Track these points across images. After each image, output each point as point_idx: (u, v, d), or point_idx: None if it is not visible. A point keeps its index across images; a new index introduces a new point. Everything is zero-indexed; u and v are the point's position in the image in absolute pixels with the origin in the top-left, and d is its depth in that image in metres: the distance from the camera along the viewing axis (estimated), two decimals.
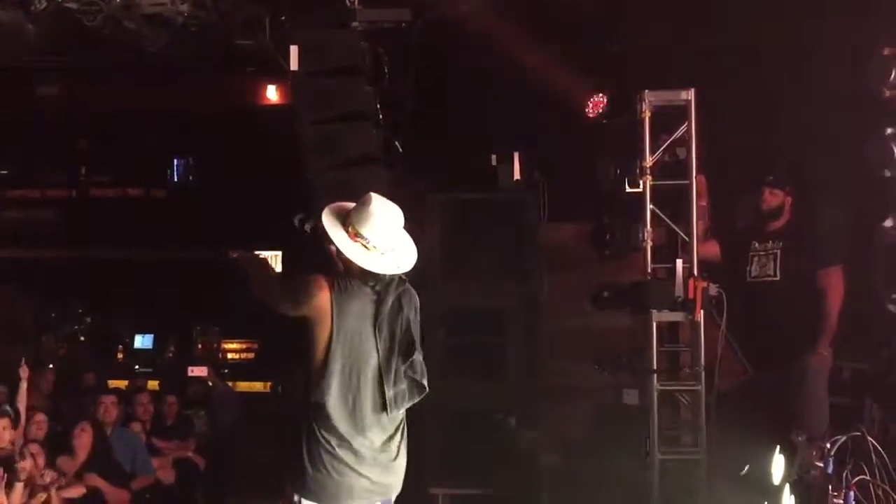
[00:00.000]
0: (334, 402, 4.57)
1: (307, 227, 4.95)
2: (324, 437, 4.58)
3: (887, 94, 6.17)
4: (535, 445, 8.16)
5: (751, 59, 8.98)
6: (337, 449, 4.58)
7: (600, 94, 8.21)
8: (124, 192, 15.60)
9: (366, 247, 4.64)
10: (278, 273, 5.18)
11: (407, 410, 4.77)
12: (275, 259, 13.13)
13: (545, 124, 9.47)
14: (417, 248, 4.89)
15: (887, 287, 6.54)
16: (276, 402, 12.43)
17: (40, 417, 8.29)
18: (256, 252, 5.20)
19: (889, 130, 6.18)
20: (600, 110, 8.21)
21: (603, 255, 8.17)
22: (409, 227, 4.95)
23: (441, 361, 8.74)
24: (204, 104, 13.62)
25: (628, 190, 7.71)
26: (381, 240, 4.65)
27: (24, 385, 8.11)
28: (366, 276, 4.67)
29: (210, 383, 12.10)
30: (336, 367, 4.61)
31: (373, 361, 4.67)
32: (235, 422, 11.45)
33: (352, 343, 4.64)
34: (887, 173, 6.21)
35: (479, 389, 8.73)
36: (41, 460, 7.78)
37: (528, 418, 8.46)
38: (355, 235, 4.64)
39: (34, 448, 7.77)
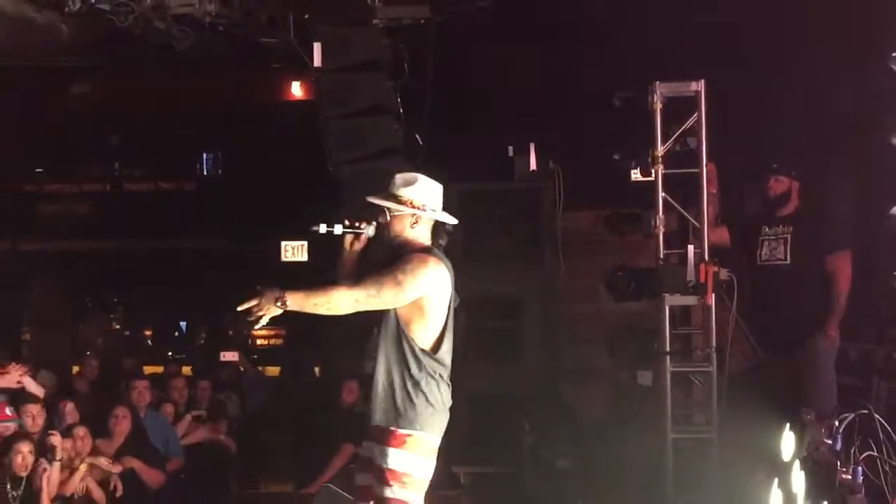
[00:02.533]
0: (447, 352, 5.03)
1: (360, 226, 5.00)
2: (440, 383, 4.98)
3: None
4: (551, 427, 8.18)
5: (759, 49, 8.95)
6: (447, 391, 5.03)
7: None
8: (156, 186, 15.68)
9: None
10: (353, 284, 4.84)
11: None
12: (301, 249, 13.18)
13: (561, 115, 9.45)
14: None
15: (894, 271, 6.53)
16: (295, 386, 12.45)
17: (69, 406, 8.32)
18: (272, 292, 4.75)
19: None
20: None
21: (617, 242, 8.16)
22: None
23: (462, 345, 8.77)
24: (230, 100, 13.67)
25: (641, 178, 7.68)
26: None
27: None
28: (436, 241, 5.09)
29: (241, 368, 12.15)
30: (450, 323, 5.04)
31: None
32: (265, 405, 11.50)
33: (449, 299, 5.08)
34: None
35: (498, 372, 8.75)
36: (88, 442, 7.83)
37: (546, 401, 8.48)
38: (423, 208, 5.02)
39: (81, 431, 7.83)
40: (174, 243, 15.15)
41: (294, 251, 13.20)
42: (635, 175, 7.62)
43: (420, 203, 4.98)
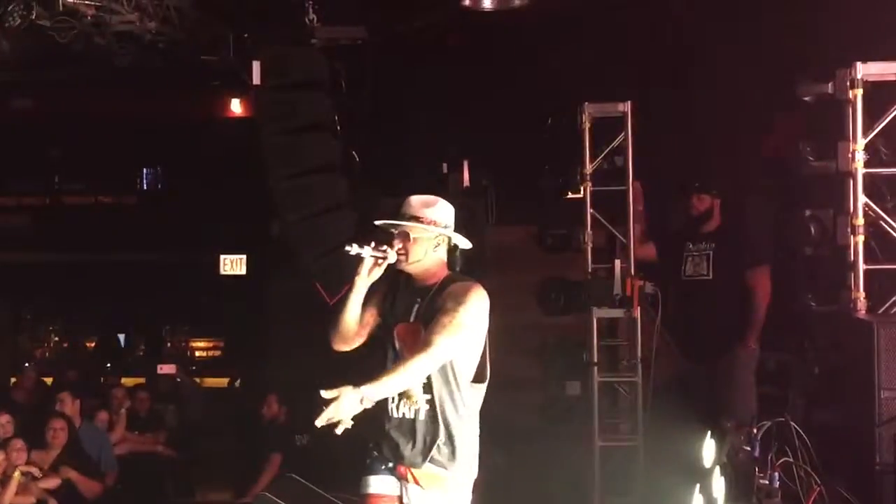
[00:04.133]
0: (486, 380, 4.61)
1: (384, 250, 4.36)
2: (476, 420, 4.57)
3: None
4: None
5: (684, 70, 9.07)
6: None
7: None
8: (96, 199, 15.52)
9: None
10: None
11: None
12: (239, 262, 13.14)
13: (493, 134, 9.51)
14: None
15: (807, 291, 6.66)
16: (236, 396, 12.39)
17: (5, 419, 8.18)
18: None
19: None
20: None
21: (547, 256, 8.20)
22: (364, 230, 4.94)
23: None
24: (171, 116, 13.59)
25: (570, 195, 7.73)
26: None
27: None
28: (452, 265, 4.62)
29: (178, 379, 12.06)
30: (487, 349, 4.59)
31: None
32: (201, 415, 11.41)
33: None
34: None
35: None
36: (23, 455, 7.70)
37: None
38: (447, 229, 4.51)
39: (18, 443, 7.69)
40: (114, 256, 15.00)
41: (232, 264, 13.16)
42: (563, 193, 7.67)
43: (442, 224, 4.47)
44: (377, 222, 4.54)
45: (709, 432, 5.78)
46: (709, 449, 5.68)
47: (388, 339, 4.49)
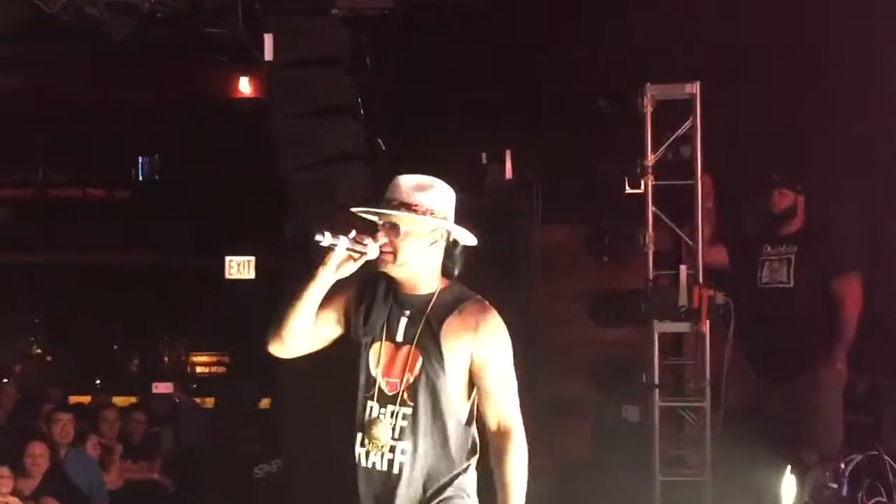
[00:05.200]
0: None
1: (364, 243, 3.94)
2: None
3: None
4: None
5: (762, 51, 9.01)
6: None
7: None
8: (85, 193, 15.64)
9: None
10: None
11: None
12: (247, 265, 13.19)
13: (540, 120, 9.48)
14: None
15: None
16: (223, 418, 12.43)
17: None
18: None
19: None
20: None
21: (601, 261, 8.18)
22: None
23: None
24: (172, 97, 13.65)
25: (629, 191, 7.73)
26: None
27: None
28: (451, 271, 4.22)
29: (176, 400, 12.14)
30: None
31: None
32: (203, 440, 11.47)
33: None
34: None
35: None
36: (8, 483, 7.76)
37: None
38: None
39: (3, 471, 7.76)
40: (105, 258, 15.11)
41: (240, 268, 13.20)
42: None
43: (441, 214, 4.05)
44: (355, 209, 4.11)
45: (788, 467, 5.75)
46: (788, 486, 5.66)
47: (361, 361, 4.07)
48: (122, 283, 15.24)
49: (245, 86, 13.18)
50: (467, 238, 4.16)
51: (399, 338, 4.04)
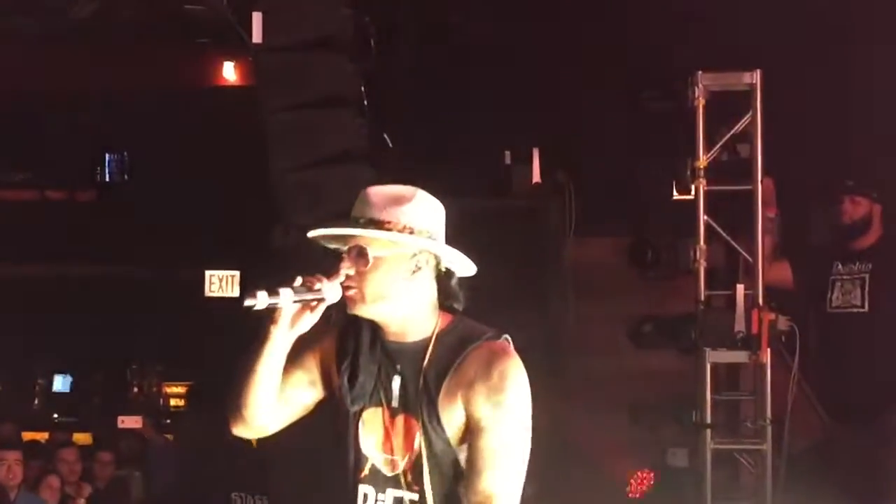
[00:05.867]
0: None
1: (316, 287, 3.48)
2: None
3: None
4: None
5: (837, 36, 9.00)
6: None
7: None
8: (42, 195, 15.64)
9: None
10: None
11: None
12: (230, 281, 13.17)
13: (573, 114, 9.47)
14: None
15: None
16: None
17: None
18: None
19: None
20: None
21: (645, 279, 8.17)
22: None
23: None
24: (143, 85, 13.67)
25: (676, 197, 7.72)
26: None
27: None
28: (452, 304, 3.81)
29: (145, 437, 12.11)
30: None
31: None
32: (175, 485, 11.44)
33: None
34: None
35: None
36: None
37: (546, 482, 8.46)
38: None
39: None
40: (64, 269, 15.11)
41: (222, 283, 13.18)
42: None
43: (425, 233, 3.57)
44: (312, 234, 3.64)
45: None
46: None
47: (347, 433, 3.65)
48: (86, 301, 15.23)
49: (230, 72, 13.20)
50: (463, 266, 3.70)
51: (395, 402, 3.59)
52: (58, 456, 9.88)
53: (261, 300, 3.36)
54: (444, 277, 3.68)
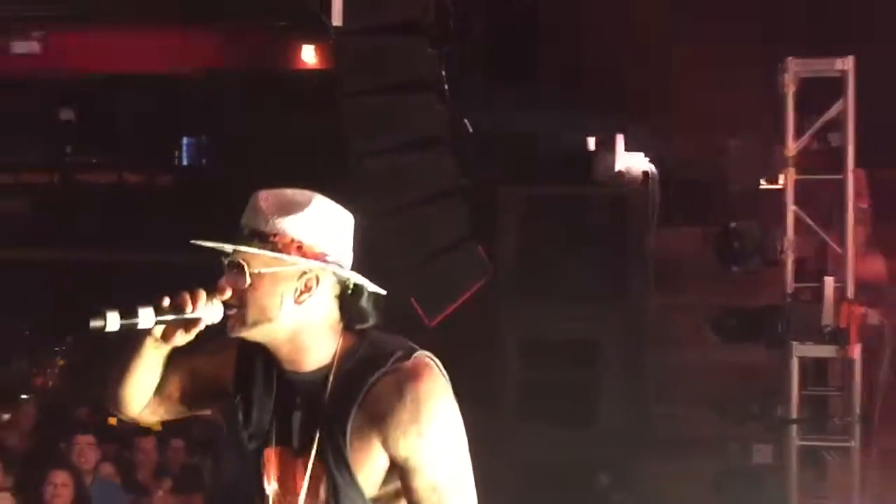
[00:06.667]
0: None
1: (186, 308, 3.21)
2: None
3: None
4: None
5: None
6: None
7: None
8: (120, 178, 15.76)
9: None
10: None
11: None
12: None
13: (659, 99, 9.40)
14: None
15: None
16: None
17: None
18: None
19: None
20: None
21: (730, 270, 8.11)
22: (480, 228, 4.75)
23: (515, 403, 8.70)
24: (222, 68, 13.73)
25: (764, 186, 7.66)
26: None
27: None
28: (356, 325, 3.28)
29: (217, 423, 12.16)
30: None
31: None
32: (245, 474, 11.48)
33: None
34: None
35: (562, 439, 8.70)
36: None
37: (627, 478, 8.41)
38: (323, 258, 3.16)
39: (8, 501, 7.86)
40: (143, 255, 15.21)
41: None
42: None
43: (317, 248, 3.14)
44: (193, 242, 3.38)
45: None
46: None
47: (255, 468, 3.29)
48: (162, 286, 15.34)
49: (309, 55, 13.24)
50: (368, 285, 3.19)
51: (295, 443, 3.19)
52: (135, 444, 9.94)
53: (111, 322, 3.06)
54: (349, 296, 3.17)
